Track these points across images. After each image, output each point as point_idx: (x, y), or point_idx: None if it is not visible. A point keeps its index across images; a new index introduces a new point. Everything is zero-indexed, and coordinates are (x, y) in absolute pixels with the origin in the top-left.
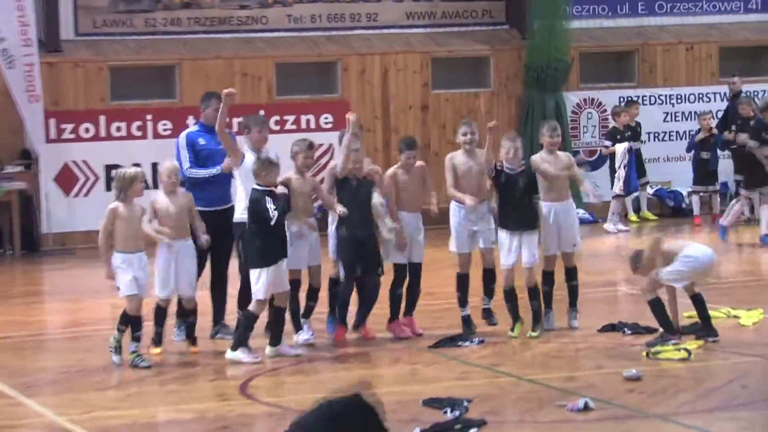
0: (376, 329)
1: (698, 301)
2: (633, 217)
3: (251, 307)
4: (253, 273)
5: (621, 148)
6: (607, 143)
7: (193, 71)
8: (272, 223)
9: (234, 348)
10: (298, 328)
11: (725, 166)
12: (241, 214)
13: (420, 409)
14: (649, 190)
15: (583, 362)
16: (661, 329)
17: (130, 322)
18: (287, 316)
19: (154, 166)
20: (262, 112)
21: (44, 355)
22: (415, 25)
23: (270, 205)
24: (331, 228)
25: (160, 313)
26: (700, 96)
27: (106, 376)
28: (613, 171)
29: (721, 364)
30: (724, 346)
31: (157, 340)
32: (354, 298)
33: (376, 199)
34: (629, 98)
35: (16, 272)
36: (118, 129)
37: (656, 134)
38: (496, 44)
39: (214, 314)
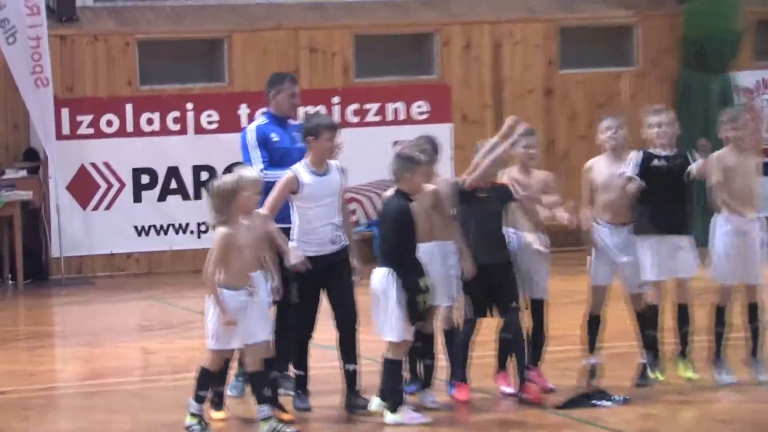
0: (480, 382)
1: None
2: None
3: (389, 354)
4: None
5: None
6: None
7: (247, 46)
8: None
9: (393, 409)
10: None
11: None
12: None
13: None
14: None
15: (762, 427)
16: None
17: (211, 380)
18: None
19: (196, 171)
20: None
21: (55, 415)
22: None
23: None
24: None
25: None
26: None
27: None
28: None
29: None
30: None
31: (218, 402)
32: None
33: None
34: None
35: (20, 308)
36: (150, 122)
37: None
38: (644, 9)
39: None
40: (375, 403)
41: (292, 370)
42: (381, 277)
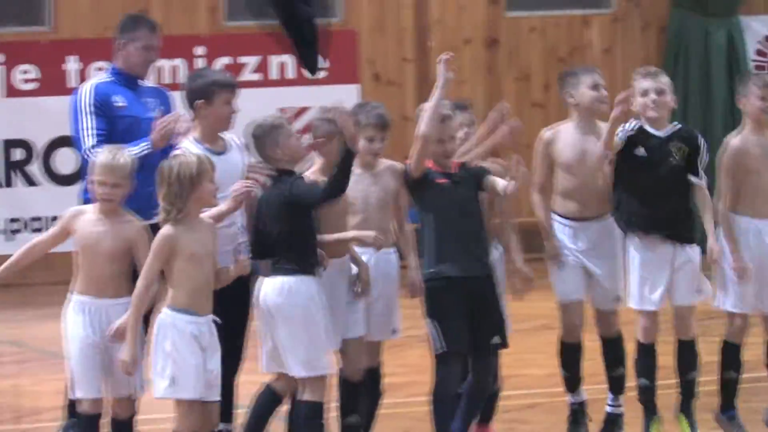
0: None
1: None
2: None
3: (305, 395)
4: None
5: None
6: None
7: None
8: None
9: None
10: None
11: None
12: None
13: None
14: None
15: None
16: None
17: None
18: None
19: (6, 148)
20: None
21: None
22: None
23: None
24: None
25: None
26: None
27: None
28: None
29: None
30: None
31: None
32: None
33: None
34: None
35: None
36: None
37: None
38: None
39: None
40: None
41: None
42: (280, 292)
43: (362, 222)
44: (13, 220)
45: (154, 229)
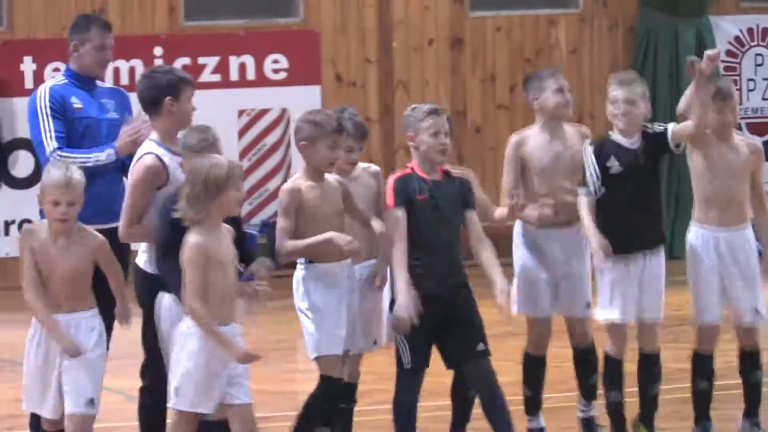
0: None
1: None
2: None
3: None
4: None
5: None
6: None
7: None
8: None
9: None
10: None
11: None
12: (146, 260)
13: None
14: None
15: None
16: None
17: None
18: None
19: None
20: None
21: None
22: None
23: None
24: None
25: None
26: None
27: None
28: None
29: None
30: None
31: None
32: None
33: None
34: None
35: None
36: None
37: None
38: None
39: None
40: None
41: None
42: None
43: (346, 229)
44: None
45: (112, 233)
